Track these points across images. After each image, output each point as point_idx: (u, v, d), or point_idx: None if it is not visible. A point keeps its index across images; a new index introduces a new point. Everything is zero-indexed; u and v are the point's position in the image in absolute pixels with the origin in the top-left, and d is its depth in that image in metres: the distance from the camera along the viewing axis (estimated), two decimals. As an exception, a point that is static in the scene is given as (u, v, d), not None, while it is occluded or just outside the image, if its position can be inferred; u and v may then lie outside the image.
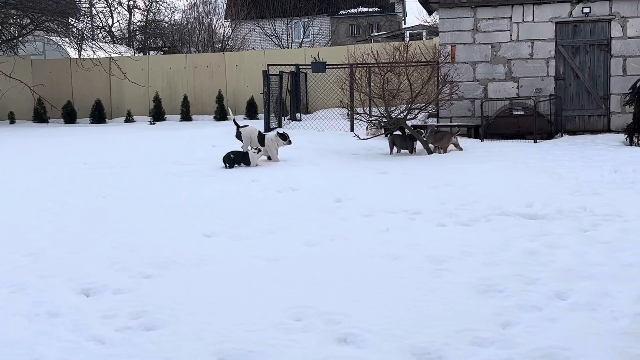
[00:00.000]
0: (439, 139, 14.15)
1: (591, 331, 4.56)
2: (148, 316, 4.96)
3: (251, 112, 23.84)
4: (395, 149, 14.19)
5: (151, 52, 38.92)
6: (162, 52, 39.03)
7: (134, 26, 42.74)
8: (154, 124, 23.60)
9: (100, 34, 39.36)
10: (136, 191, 10.23)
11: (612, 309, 4.93)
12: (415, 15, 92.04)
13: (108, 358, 4.30)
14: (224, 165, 12.49)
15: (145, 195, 9.88)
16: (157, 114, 24.54)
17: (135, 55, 30.32)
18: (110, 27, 41.19)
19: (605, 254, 6.33)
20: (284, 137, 13.10)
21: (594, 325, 4.67)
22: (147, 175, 11.67)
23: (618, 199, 8.79)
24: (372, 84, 15.50)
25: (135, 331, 4.74)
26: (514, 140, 15.87)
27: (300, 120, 20.44)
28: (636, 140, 14.43)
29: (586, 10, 16.71)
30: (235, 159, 12.57)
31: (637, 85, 14.71)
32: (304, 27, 46.32)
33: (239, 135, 13.28)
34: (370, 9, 50.79)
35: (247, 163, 12.52)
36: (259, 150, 12.73)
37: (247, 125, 13.57)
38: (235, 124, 13.57)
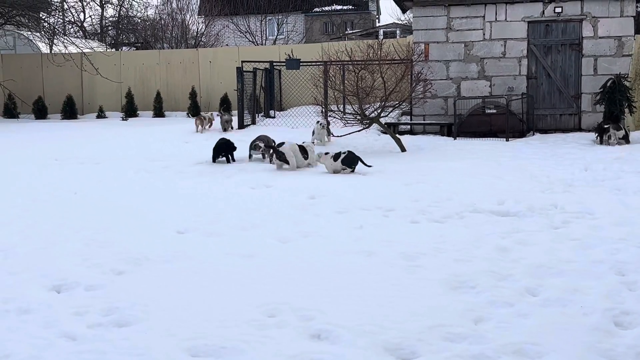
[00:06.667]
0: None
1: (562, 327, 4.61)
2: (120, 313, 4.92)
3: (225, 109, 23.72)
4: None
5: (124, 48, 38.53)
6: (134, 48, 38.67)
7: (107, 21, 42.32)
8: (126, 120, 23.39)
9: (72, 29, 38.87)
10: (108, 187, 10.14)
11: (582, 304, 4.99)
12: (389, 13, 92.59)
13: (79, 355, 4.25)
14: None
15: (117, 192, 9.79)
16: (130, 110, 24.32)
17: (108, 50, 29.98)
18: (82, 22, 40.71)
19: (576, 251, 6.41)
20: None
21: (565, 320, 4.72)
22: (119, 172, 11.57)
23: (588, 196, 8.90)
24: (346, 81, 15.49)
25: (107, 328, 4.69)
26: (486, 138, 15.99)
27: (274, 117, 20.39)
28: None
29: (558, 10, 16.89)
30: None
31: (607, 84, 14.90)
32: (278, 24, 46.22)
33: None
34: (345, 7, 50.86)
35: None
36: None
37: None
38: None
